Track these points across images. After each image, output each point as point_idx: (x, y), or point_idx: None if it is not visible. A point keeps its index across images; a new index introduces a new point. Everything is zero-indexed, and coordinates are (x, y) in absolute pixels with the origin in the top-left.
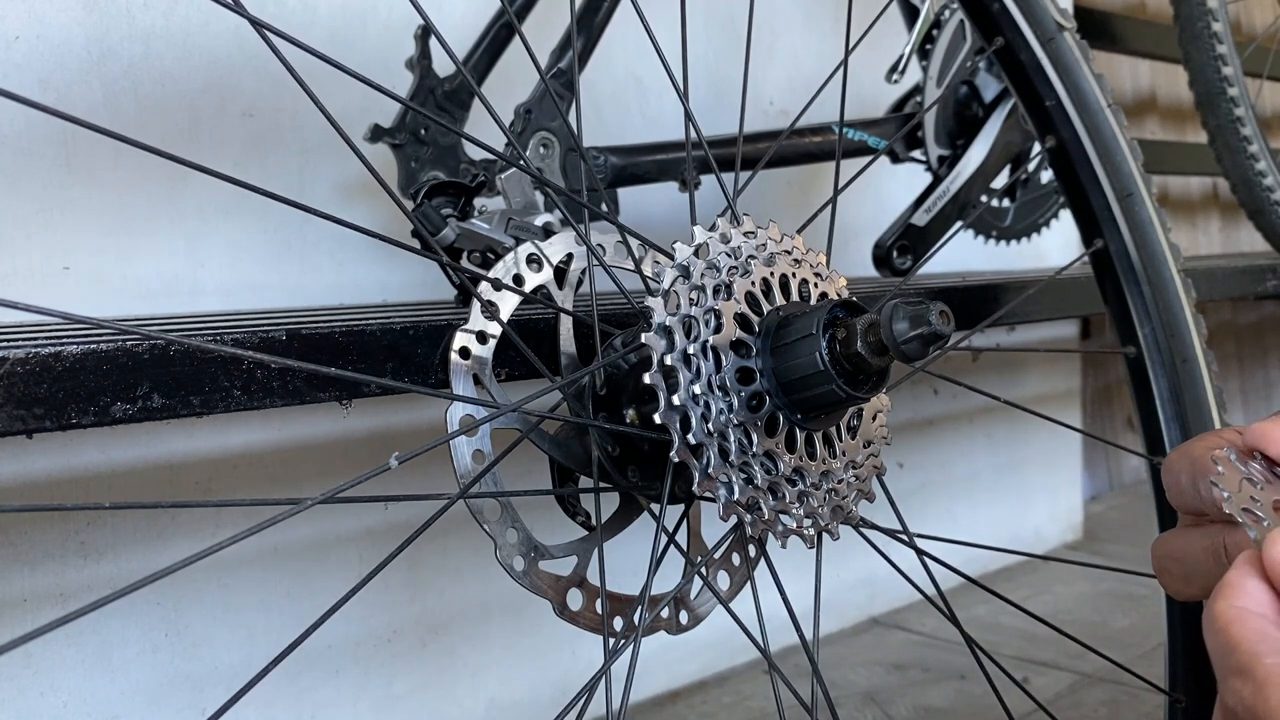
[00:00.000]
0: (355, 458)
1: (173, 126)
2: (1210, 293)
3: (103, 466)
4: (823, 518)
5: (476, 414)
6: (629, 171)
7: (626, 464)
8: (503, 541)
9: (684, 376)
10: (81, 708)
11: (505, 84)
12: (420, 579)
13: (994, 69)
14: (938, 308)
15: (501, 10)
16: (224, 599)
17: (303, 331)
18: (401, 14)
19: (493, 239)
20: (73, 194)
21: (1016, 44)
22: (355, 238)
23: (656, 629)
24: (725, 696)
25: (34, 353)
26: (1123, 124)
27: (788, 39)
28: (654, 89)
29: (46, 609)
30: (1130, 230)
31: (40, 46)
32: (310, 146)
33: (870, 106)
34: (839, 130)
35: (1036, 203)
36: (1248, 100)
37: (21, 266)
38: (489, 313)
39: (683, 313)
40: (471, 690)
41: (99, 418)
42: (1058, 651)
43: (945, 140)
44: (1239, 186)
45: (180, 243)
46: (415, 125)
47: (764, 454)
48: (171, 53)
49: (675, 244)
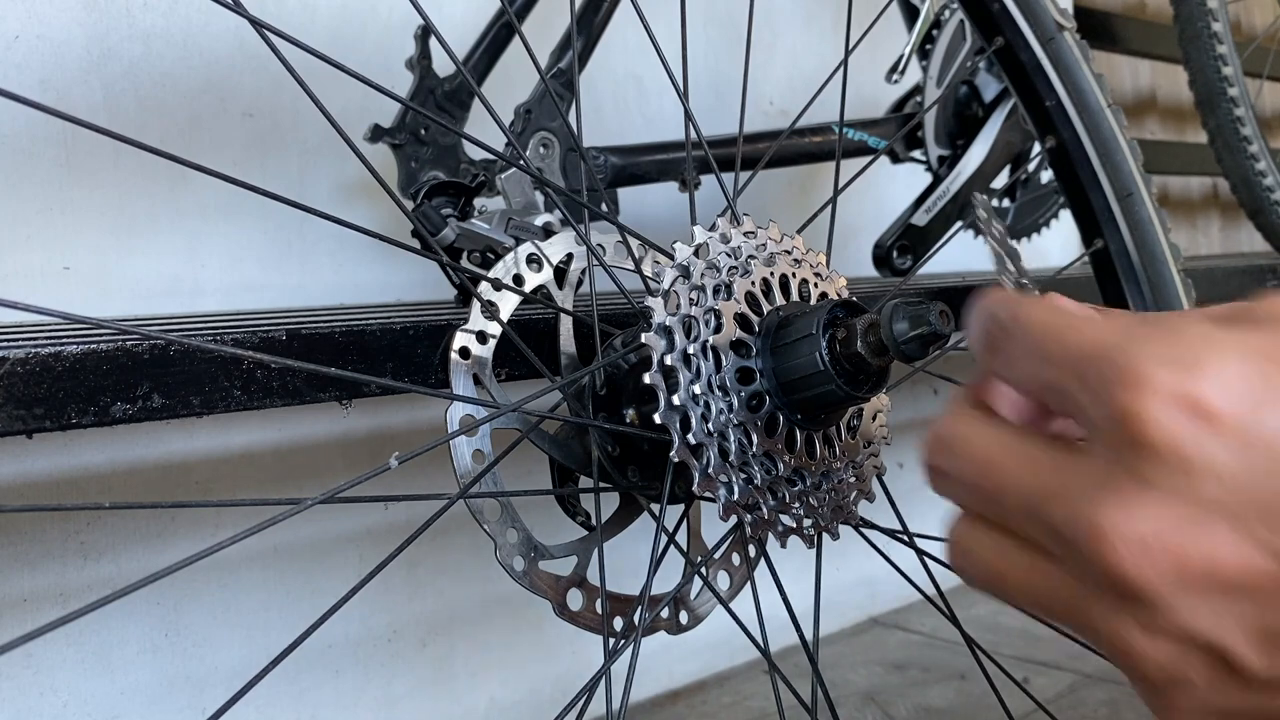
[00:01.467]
0: (355, 458)
1: (173, 126)
2: (1210, 293)
3: (103, 466)
4: (823, 517)
5: (476, 414)
6: (629, 171)
7: (626, 464)
8: (503, 541)
9: (684, 376)
10: (81, 708)
11: (505, 84)
12: (420, 579)
13: (994, 69)
14: (938, 308)
15: (501, 10)
16: (224, 599)
17: (303, 331)
18: (401, 14)
19: (493, 239)
20: (73, 194)
21: (1016, 44)
22: (355, 238)
23: (656, 629)
24: (725, 696)
25: (34, 353)
26: (1123, 124)
27: (788, 39)
28: (654, 89)
29: (46, 609)
30: (1130, 230)
31: (40, 46)
32: (310, 146)
33: (870, 106)
34: (839, 130)
35: (1036, 203)
36: (1248, 100)
37: (21, 266)
38: (489, 313)
39: (683, 313)
40: (471, 690)
41: (99, 418)
42: (1058, 651)
43: (945, 140)
44: (1239, 186)
45: (180, 243)
46: (415, 125)
47: (764, 454)
48: (171, 53)
49: (675, 244)
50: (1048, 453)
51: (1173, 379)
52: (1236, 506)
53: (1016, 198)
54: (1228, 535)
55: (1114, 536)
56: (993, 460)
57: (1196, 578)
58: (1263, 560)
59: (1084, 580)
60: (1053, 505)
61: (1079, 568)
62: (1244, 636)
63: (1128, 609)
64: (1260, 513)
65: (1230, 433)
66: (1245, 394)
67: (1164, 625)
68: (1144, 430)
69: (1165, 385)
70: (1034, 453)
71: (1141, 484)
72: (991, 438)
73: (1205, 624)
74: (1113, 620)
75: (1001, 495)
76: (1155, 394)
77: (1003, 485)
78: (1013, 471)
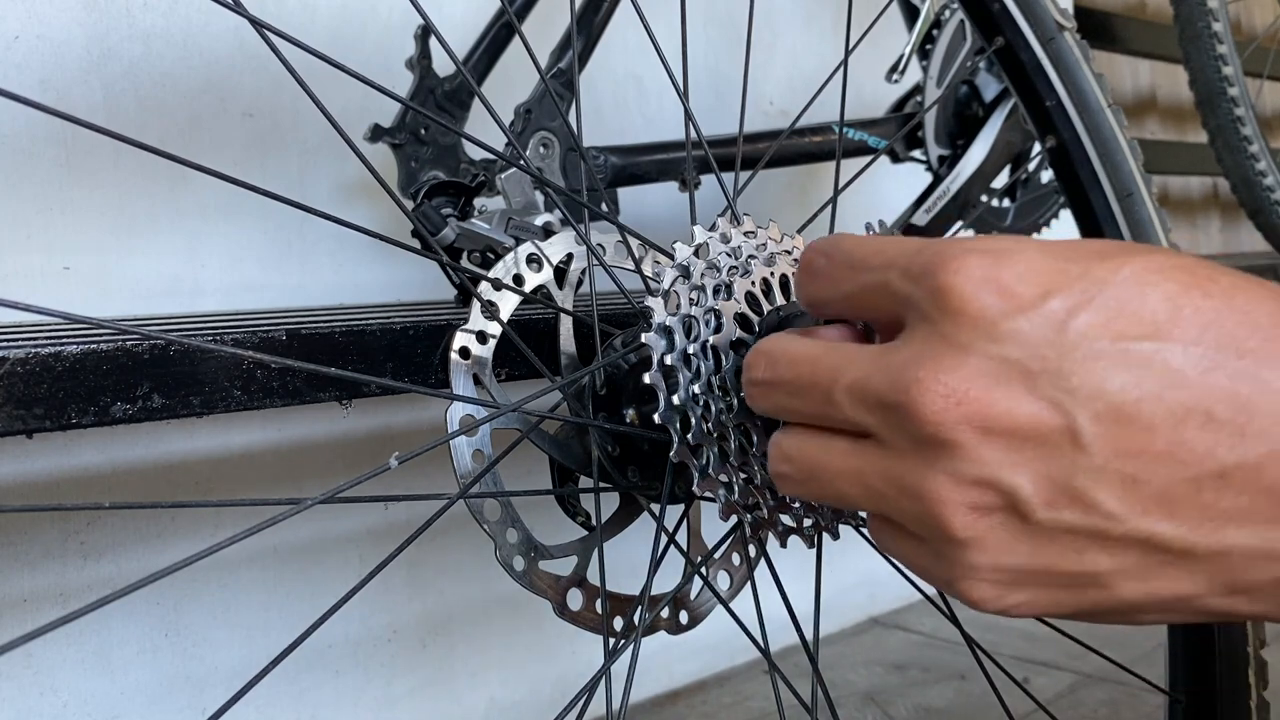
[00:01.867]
0: (355, 458)
1: (173, 126)
2: None
3: (103, 466)
4: (823, 517)
5: (476, 414)
6: (629, 171)
7: (626, 464)
8: (502, 541)
9: (684, 376)
10: (81, 708)
11: (505, 84)
12: (420, 579)
13: (994, 69)
14: None
15: (501, 10)
16: (224, 599)
17: (303, 331)
18: (401, 14)
19: (493, 239)
20: (73, 194)
21: (1017, 44)
22: (355, 238)
23: (656, 629)
24: (725, 696)
25: (34, 353)
26: (1123, 124)
27: (788, 39)
28: (654, 89)
29: (46, 609)
30: (1130, 230)
31: (40, 46)
32: (310, 146)
33: (870, 106)
34: (839, 130)
35: (1037, 203)
36: (1248, 100)
37: (21, 266)
38: (489, 313)
39: (683, 313)
40: (471, 690)
41: (99, 418)
42: (1058, 651)
43: (945, 140)
44: (1239, 186)
45: (180, 243)
46: (415, 125)
47: (764, 454)
48: (171, 53)
49: (675, 244)
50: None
51: (984, 264)
52: (1029, 366)
53: (1016, 198)
54: (1023, 392)
55: (929, 389)
56: (817, 358)
57: (997, 427)
58: (1049, 414)
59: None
60: (876, 380)
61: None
62: (1032, 483)
63: (939, 461)
64: (1049, 372)
65: (1028, 309)
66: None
67: (968, 472)
68: (959, 302)
69: (977, 268)
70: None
71: (955, 346)
72: (813, 343)
73: (1002, 469)
74: (926, 476)
75: (829, 387)
76: (969, 275)
77: (830, 377)
78: (837, 362)
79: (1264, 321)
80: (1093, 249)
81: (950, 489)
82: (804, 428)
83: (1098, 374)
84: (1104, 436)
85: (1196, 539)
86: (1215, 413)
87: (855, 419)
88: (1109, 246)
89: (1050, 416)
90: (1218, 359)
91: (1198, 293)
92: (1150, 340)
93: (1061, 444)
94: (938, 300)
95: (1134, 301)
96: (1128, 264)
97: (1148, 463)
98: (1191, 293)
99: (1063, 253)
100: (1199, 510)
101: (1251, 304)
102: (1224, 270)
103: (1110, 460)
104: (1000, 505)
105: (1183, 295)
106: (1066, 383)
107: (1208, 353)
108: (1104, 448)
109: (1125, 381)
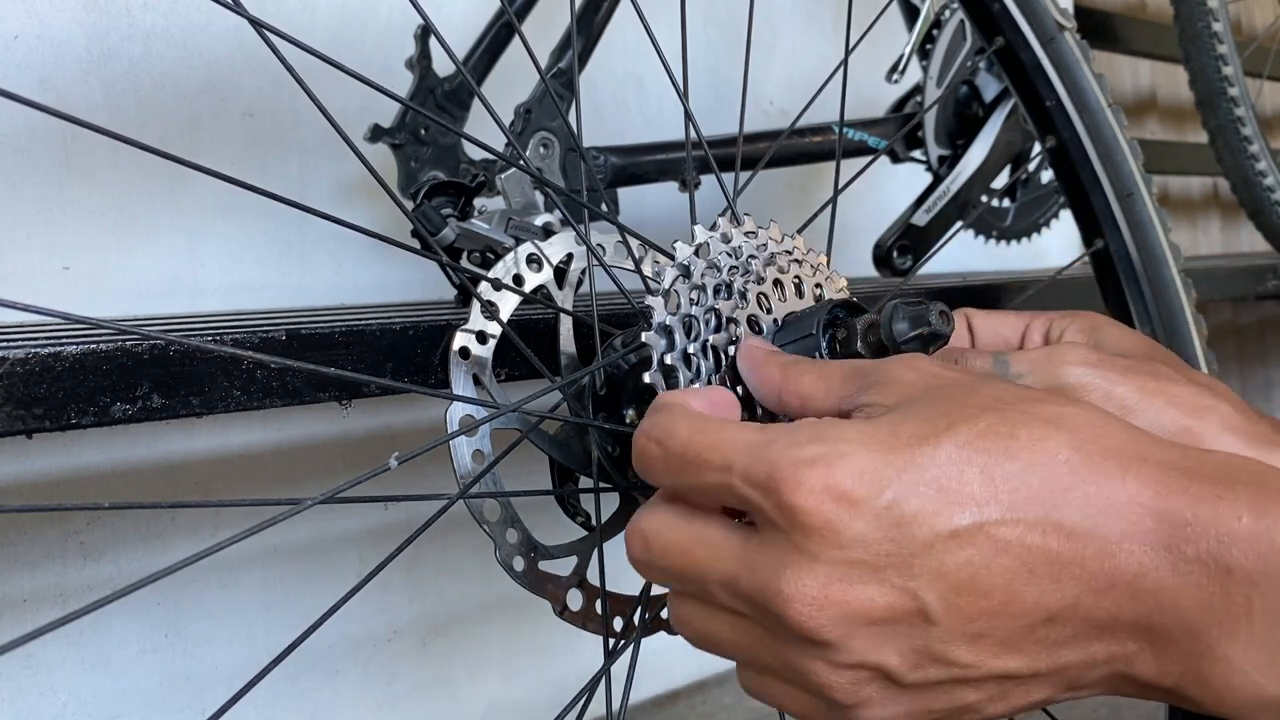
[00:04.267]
0: (355, 458)
1: (173, 126)
2: (1210, 293)
3: (103, 466)
4: None
5: (476, 414)
6: (629, 171)
7: (626, 464)
8: (502, 542)
9: (684, 376)
10: (81, 708)
11: (505, 84)
12: (420, 579)
13: (994, 69)
14: (938, 308)
15: (501, 10)
16: (224, 599)
17: (303, 331)
18: (401, 14)
19: (493, 239)
20: (73, 194)
21: (1017, 44)
22: (355, 238)
23: (656, 629)
24: (725, 697)
25: (34, 353)
26: (1123, 124)
27: (788, 39)
28: (654, 89)
29: (46, 609)
30: (1130, 230)
31: (40, 46)
32: (310, 146)
33: (870, 106)
34: (839, 130)
35: (1037, 203)
36: (1248, 100)
37: (21, 266)
38: (489, 313)
39: (683, 312)
40: (471, 690)
41: (99, 418)
42: None
43: (945, 140)
44: (1239, 186)
45: (180, 243)
46: (415, 125)
47: None
48: (171, 53)
49: (676, 243)
50: (733, 538)
51: (820, 475)
52: (876, 563)
53: (1017, 198)
54: (875, 585)
55: (794, 599)
56: (687, 551)
57: (859, 620)
58: (900, 600)
59: (778, 635)
60: (744, 582)
61: (772, 627)
62: (898, 656)
63: (815, 652)
64: (894, 565)
65: (864, 510)
66: (873, 480)
67: (842, 660)
68: (804, 519)
69: (817, 480)
70: (721, 539)
71: (809, 556)
72: (684, 531)
73: (870, 653)
74: (805, 663)
75: (703, 580)
76: (811, 490)
77: (702, 572)
78: (706, 559)
79: (1062, 472)
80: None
81: (830, 673)
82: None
83: (935, 558)
84: (950, 608)
85: (1039, 665)
86: (1035, 569)
87: (733, 608)
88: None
89: (902, 602)
90: (1030, 519)
91: (1004, 458)
92: (973, 515)
93: (915, 622)
94: (785, 516)
95: (954, 482)
96: (945, 443)
97: (989, 620)
98: (1000, 461)
99: (887, 442)
100: (1036, 644)
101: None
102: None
103: (958, 625)
104: (876, 677)
105: (994, 465)
106: (910, 570)
107: (1021, 517)
108: (951, 618)
109: (959, 560)
